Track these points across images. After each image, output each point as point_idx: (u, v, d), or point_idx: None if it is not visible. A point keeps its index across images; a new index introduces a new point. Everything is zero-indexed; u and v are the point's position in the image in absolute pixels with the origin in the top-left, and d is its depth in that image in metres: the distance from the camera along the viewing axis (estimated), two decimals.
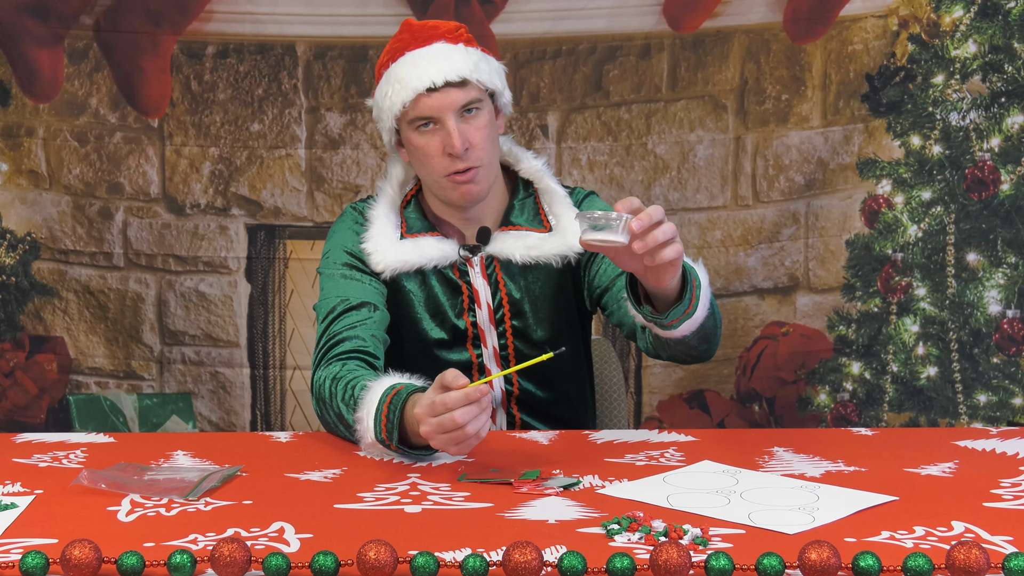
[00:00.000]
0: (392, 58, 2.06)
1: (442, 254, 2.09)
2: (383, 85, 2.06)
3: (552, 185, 2.15)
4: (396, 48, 2.06)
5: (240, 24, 3.14)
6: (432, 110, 2.00)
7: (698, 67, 3.14)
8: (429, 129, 2.02)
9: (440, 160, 2.02)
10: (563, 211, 2.12)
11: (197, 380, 3.24)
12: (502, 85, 2.08)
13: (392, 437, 1.76)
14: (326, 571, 1.27)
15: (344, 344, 2.00)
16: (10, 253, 3.19)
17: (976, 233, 3.12)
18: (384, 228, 2.11)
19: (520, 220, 2.13)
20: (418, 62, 2.01)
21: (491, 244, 2.11)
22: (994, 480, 1.65)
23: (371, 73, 3.14)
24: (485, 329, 2.11)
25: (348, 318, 2.03)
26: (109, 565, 1.29)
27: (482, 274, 2.11)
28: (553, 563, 1.27)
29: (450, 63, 2.00)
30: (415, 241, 2.10)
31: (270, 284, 3.23)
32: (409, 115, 2.02)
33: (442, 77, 1.99)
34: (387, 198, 2.14)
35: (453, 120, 1.99)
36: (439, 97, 1.99)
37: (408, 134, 2.05)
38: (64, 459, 1.79)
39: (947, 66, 3.09)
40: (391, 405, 1.77)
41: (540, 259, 2.10)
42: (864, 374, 3.20)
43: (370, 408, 1.80)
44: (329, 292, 2.09)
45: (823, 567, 1.25)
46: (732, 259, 3.18)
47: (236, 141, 3.17)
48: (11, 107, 3.15)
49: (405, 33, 2.07)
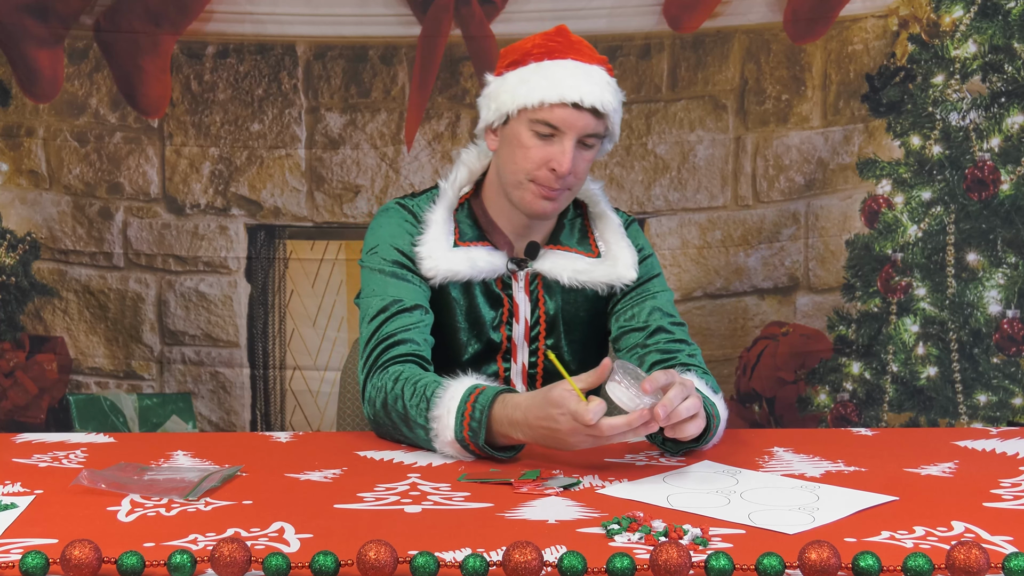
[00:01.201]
0: (548, 54, 2.01)
1: (491, 266, 2.07)
2: (527, 72, 2.00)
3: (607, 211, 2.15)
4: (554, 47, 2.02)
5: (240, 24, 3.14)
6: (563, 123, 1.97)
7: (698, 67, 3.14)
8: (545, 137, 1.99)
9: (538, 167, 1.99)
10: (615, 239, 2.12)
11: (197, 380, 3.24)
12: (618, 132, 2.08)
13: (478, 438, 1.75)
14: (326, 571, 1.27)
15: (399, 347, 1.97)
16: (10, 253, 3.19)
17: (976, 233, 3.12)
18: (439, 234, 2.07)
19: (570, 241, 2.12)
20: (577, 73, 1.99)
21: (539, 261, 2.10)
22: (994, 480, 1.65)
23: (371, 73, 3.14)
24: (519, 344, 2.10)
25: (401, 319, 2.00)
26: (109, 565, 1.29)
27: (525, 289, 2.10)
28: (553, 563, 1.27)
29: (602, 93, 1.99)
30: (467, 251, 2.07)
31: (270, 284, 3.23)
32: (539, 115, 1.98)
33: (591, 100, 1.97)
34: (447, 202, 2.11)
35: (573, 142, 1.98)
36: (577, 116, 1.97)
37: (519, 128, 2.01)
38: (64, 459, 1.79)
39: (947, 66, 3.09)
40: (476, 404, 1.77)
41: (588, 284, 2.10)
42: (864, 374, 3.20)
43: (450, 406, 1.79)
44: (379, 290, 2.05)
45: (823, 567, 1.25)
46: (732, 259, 3.18)
47: (236, 141, 3.17)
48: (11, 107, 3.15)
49: (563, 38, 2.04)
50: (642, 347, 2.05)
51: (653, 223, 3.18)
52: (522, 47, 2.05)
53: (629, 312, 2.11)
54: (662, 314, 2.09)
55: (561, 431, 1.69)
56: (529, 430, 1.73)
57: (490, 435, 1.77)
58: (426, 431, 1.82)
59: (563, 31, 2.06)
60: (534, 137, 1.99)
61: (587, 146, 2.01)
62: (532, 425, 1.72)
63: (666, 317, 2.09)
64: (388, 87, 3.16)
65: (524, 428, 1.73)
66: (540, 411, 1.71)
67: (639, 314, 2.09)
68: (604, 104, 1.98)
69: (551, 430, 1.70)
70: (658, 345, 2.04)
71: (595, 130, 2.00)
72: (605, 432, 1.66)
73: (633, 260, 2.11)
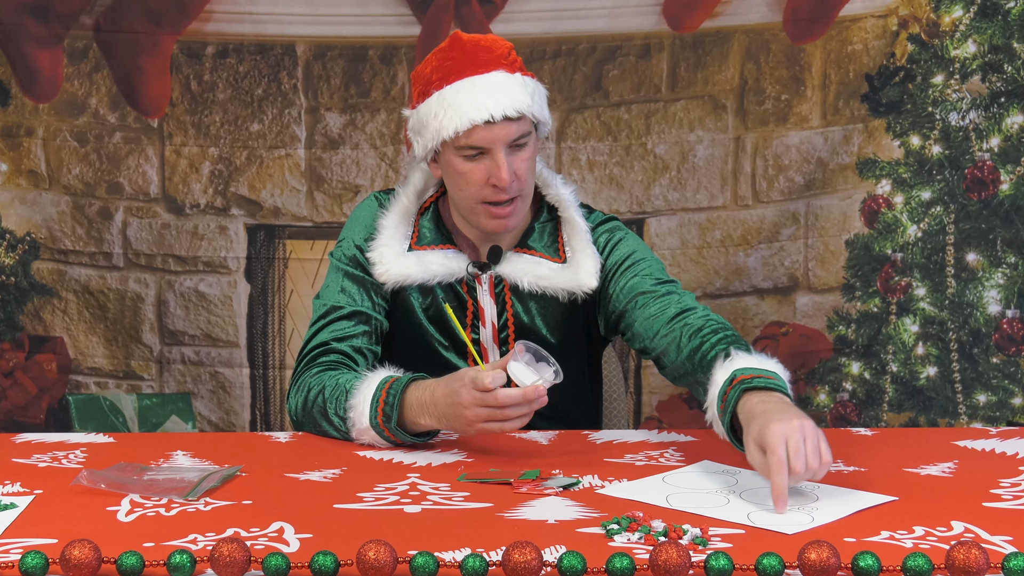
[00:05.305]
0: (445, 78, 1.98)
1: (447, 271, 2.07)
2: (433, 105, 1.98)
3: (575, 217, 2.10)
4: (449, 67, 1.99)
5: (240, 24, 3.14)
6: (485, 142, 1.95)
7: (698, 67, 3.14)
8: (475, 157, 1.97)
9: (481, 188, 1.98)
10: (581, 246, 2.08)
11: (197, 380, 3.24)
12: (548, 114, 2.05)
13: (390, 422, 1.80)
14: (326, 571, 1.27)
15: (329, 356, 2.01)
16: (10, 253, 3.19)
17: (976, 233, 3.12)
18: (391, 239, 2.07)
19: (537, 245, 2.10)
20: (476, 91, 1.95)
21: (502, 265, 2.08)
22: (994, 480, 1.65)
23: (371, 73, 3.14)
24: (488, 347, 2.10)
25: (337, 327, 2.04)
26: (109, 565, 1.29)
27: (490, 292, 2.10)
28: (553, 563, 1.27)
29: (510, 97, 1.95)
30: (420, 255, 2.07)
31: (270, 284, 3.23)
32: (460, 142, 1.96)
33: (501, 111, 1.94)
34: (400, 207, 2.10)
35: (503, 153, 1.96)
36: (495, 130, 1.94)
37: (450, 156, 1.99)
38: (64, 459, 1.79)
39: (947, 66, 3.09)
40: (390, 389, 1.83)
41: (548, 290, 2.07)
42: (864, 374, 3.20)
43: (367, 394, 1.84)
44: (326, 293, 2.09)
45: (823, 567, 1.25)
46: (732, 259, 3.18)
47: (236, 141, 3.17)
48: (11, 107, 3.15)
49: (456, 51, 2.00)
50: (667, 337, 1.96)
51: (653, 223, 3.18)
52: (423, 74, 2.03)
53: (614, 289, 2.07)
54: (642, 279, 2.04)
55: (462, 403, 1.75)
56: (435, 410, 1.79)
57: (402, 420, 1.83)
58: (343, 420, 1.87)
59: (455, 41, 2.01)
60: (466, 161, 1.98)
61: (520, 146, 1.99)
62: (438, 404, 1.79)
63: (647, 280, 2.04)
64: (388, 87, 3.16)
65: (431, 409, 1.80)
66: (445, 387, 1.79)
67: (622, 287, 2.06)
68: (515, 107, 1.95)
69: (453, 405, 1.77)
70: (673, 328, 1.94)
71: (519, 131, 1.97)
72: (500, 400, 1.72)
73: (595, 268, 2.07)
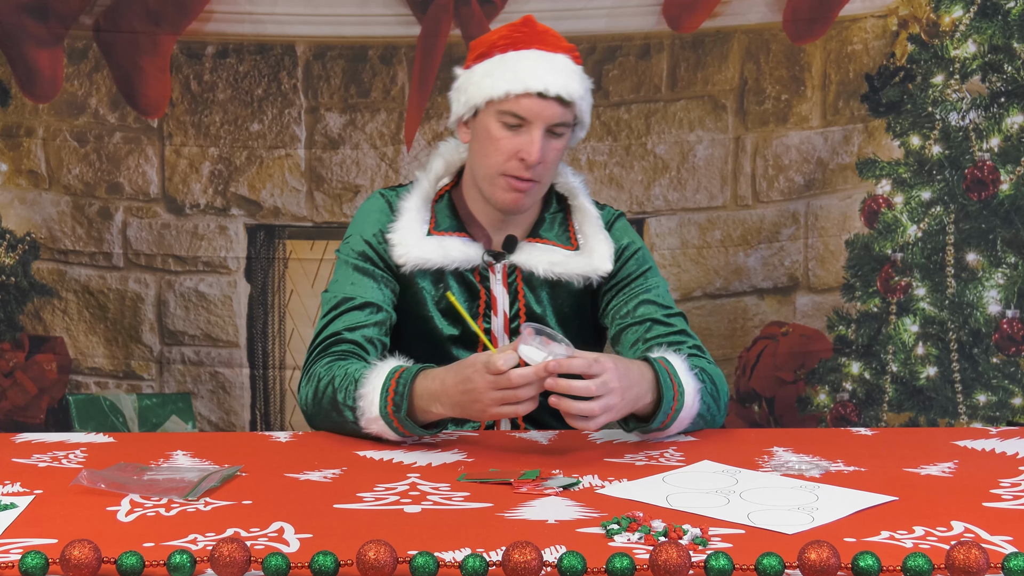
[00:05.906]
0: (513, 45, 2.02)
1: (465, 257, 2.09)
2: (492, 64, 2.02)
3: (586, 204, 2.15)
4: (518, 38, 2.03)
5: (240, 24, 3.14)
6: (530, 113, 1.98)
7: (698, 67, 3.14)
8: (514, 128, 2.00)
9: (508, 159, 2.01)
10: (593, 232, 2.12)
11: (197, 380, 3.24)
12: (588, 120, 2.09)
13: (400, 411, 1.79)
14: (326, 571, 1.27)
15: (341, 345, 2.01)
16: (10, 253, 3.19)
17: (976, 233, 3.12)
18: (412, 222, 2.09)
19: (549, 234, 2.13)
20: (540, 63, 2.00)
21: (516, 254, 2.11)
22: (994, 480, 1.65)
23: (371, 73, 3.14)
24: (499, 337, 2.11)
25: (349, 318, 2.04)
26: (109, 565, 1.29)
27: (503, 282, 2.10)
28: (553, 563, 1.27)
29: (567, 81, 2.00)
30: (440, 240, 2.09)
31: (270, 284, 3.23)
32: (505, 106, 1.99)
33: (556, 89, 1.98)
34: (421, 191, 2.13)
35: (541, 131, 1.99)
36: (543, 105, 1.98)
37: (488, 120, 2.02)
38: (64, 459, 1.79)
39: (947, 66, 3.09)
40: (400, 379, 1.82)
41: (563, 276, 2.10)
42: (864, 374, 3.20)
43: (376, 384, 1.84)
44: (336, 287, 2.09)
45: (823, 567, 1.25)
46: (732, 259, 3.18)
47: (236, 141, 3.17)
48: (11, 107, 3.15)
49: (529, 28, 2.05)
50: (643, 342, 2.05)
51: (653, 223, 3.18)
52: (488, 39, 2.07)
53: (623, 309, 2.10)
54: (656, 307, 2.09)
55: (476, 388, 1.74)
56: (447, 398, 1.79)
57: (413, 411, 1.83)
58: (353, 411, 1.87)
59: (529, 21, 2.07)
60: (503, 128, 2.00)
61: (556, 135, 2.01)
62: (449, 392, 1.78)
63: (660, 309, 2.09)
64: (388, 87, 3.16)
65: (442, 397, 1.79)
66: (456, 375, 1.78)
67: (632, 310, 2.09)
68: (570, 92, 1.99)
69: (467, 392, 1.76)
70: (657, 340, 2.04)
71: (563, 118, 2.01)
72: (514, 381, 1.72)
73: (609, 252, 2.11)
